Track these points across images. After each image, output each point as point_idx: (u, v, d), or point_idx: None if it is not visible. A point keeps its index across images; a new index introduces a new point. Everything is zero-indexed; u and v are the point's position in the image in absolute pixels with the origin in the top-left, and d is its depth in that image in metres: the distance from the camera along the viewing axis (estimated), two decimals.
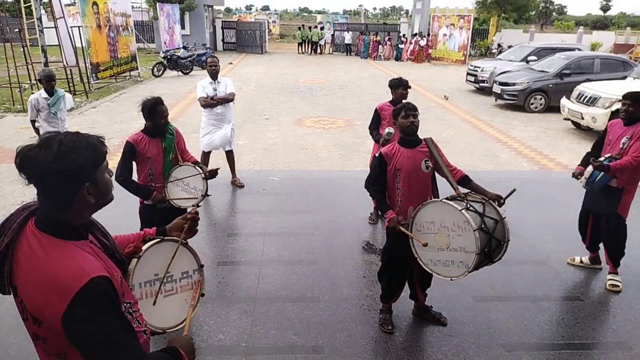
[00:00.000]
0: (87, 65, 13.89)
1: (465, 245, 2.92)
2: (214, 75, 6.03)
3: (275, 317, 3.72)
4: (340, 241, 5.04)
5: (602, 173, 3.95)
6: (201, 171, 3.75)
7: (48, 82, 5.64)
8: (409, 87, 5.21)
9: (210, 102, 6.03)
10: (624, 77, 11.42)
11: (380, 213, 5.27)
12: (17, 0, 14.89)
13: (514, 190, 3.16)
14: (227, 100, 6.11)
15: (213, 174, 3.77)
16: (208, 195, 3.82)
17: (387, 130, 4.68)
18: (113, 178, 1.66)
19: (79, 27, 13.88)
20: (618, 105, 9.27)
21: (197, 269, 1.96)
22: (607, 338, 3.62)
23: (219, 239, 5.01)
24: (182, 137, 3.95)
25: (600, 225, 4.28)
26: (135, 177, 3.82)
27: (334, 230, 5.29)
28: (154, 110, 3.58)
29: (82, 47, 13.84)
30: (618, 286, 4.21)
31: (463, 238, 2.92)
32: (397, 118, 3.34)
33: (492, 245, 2.98)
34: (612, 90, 9.73)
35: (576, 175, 4.26)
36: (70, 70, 13.23)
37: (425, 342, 3.51)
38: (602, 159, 3.99)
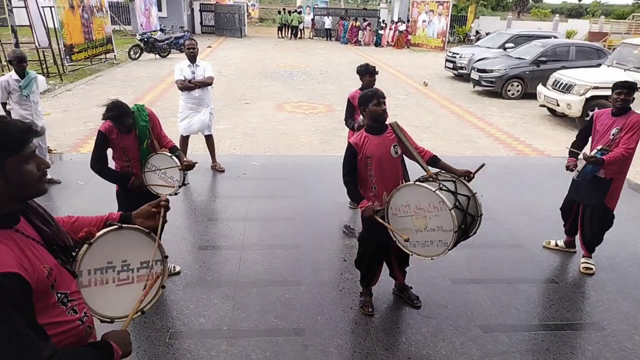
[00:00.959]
0: (60, 46, 13.44)
1: (442, 224, 2.97)
2: (192, 58, 5.89)
3: (257, 300, 3.71)
4: (321, 225, 5.04)
5: (591, 167, 3.99)
6: (178, 163, 3.64)
7: (19, 63, 5.41)
8: (377, 73, 5.12)
9: (187, 85, 5.90)
10: (599, 65, 11.62)
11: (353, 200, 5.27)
12: None
13: (482, 165, 3.23)
14: (206, 83, 5.99)
15: (190, 166, 3.66)
16: (186, 185, 3.74)
17: (361, 118, 4.69)
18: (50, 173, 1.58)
19: (50, 7, 13.38)
20: (593, 92, 9.48)
21: (161, 259, 1.86)
22: (580, 319, 3.72)
23: (199, 224, 4.95)
24: (158, 121, 3.81)
25: (584, 215, 4.30)
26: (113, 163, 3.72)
27: (314, 214, 5.29)
28: (118, 120, 3.43)
29: (55, 27, 13.36)
30: (592, 269, 4.31)
31: (440, 218, 2.96)
32: (368, 105, 3.26)
33: (467, 221, 3.05)
34: (587, 77, 9.88)
35: (570, 168, 4.27)
36: (43, 51, 12.79)
37: (404, 324, 3.54)
38: (594, 152, 3.99)
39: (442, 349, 3.29)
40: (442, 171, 3.31)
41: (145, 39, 18.02)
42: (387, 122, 3.34)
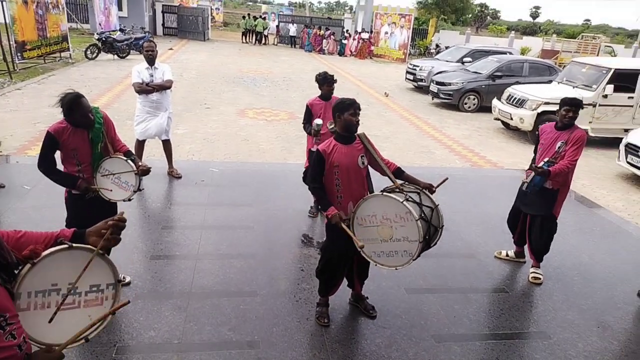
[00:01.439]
0: (11, 43, 12.81)
1: (408, 235, 3.01)
2: (150, 60, 5.73)
3: (210, 312, 3.61)
4: (279, 234, 4.98)
5: (540, 178, 4.16)
6: (134, 167, 3.49)
7: None
8: (335, 82, 5.17)
9: (145, 89, 5.74)
10: (550, 81, 12.13)
11: (320, 209, 5.27)
12: None
13: (445, 179, 3.31)
14: (164, 87, 5.83)
15: (145, 171, 3.53)
16: (141, 190, 3.59)
17: (315, 121, 4.78)
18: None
19: (1, 1, 12.76)
20: (544, 108, 9.88)
21: (113, 283, 1.75)
22: (528, 328, 3.83)
23: (153, 232, 4.80)
24: (112, 124, 3.63)
25: (532, 225, 4.45)
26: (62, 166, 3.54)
27: (273, 223, 5.23)
28: (73, 106, 3.19)
29: (6, 23, 12.73)
30: (540, 279, 4.46)
31: (406, 228, 3.00)
32: (344, 113, 3.26)
33: (430, 231, 3.11)
34: (539, 93, 10.30)
35: (524, 182, 4.42)
36: None
37: (359, 335, 3.54)
38: (541, 164, 4.16)
39: (396, 359, 3.30)
40: (407, 183, 3.35)
41: (104, 39, 17.45)
42: (355, 133, 3.35)
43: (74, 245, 1.65)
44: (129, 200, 3.56)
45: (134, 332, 3.33)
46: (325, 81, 5.06)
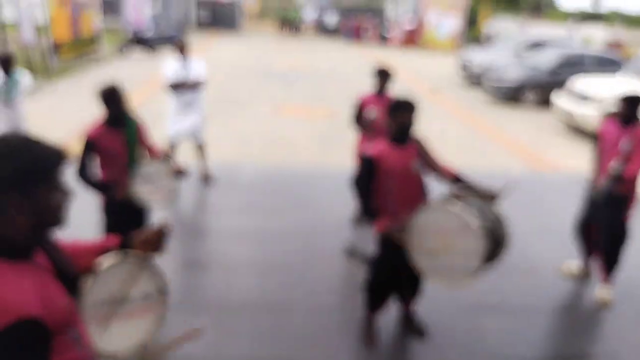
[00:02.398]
0: (47, 44, 13.42)
1: (467, 248, 2.88)
2: (184, 55, 5.83)
3: (247, 327, 3.62)
4: (320, 244, 4.94)
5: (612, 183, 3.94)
6: (169, 169, 3.60)
7: (5, 64, 5.54)
8: (391, 77, 5.14)
9: (177, 85, 5.82)
10: (616, 74, 11.59)
11: (368, 217, 5.20)
12: None
13: (509, 187, 3.15)
14: (197, 85, 5.91)
15: (181, 173, 3.63)
16: (177, 194, 3.67)
17: (369, 112, 4.84)
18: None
19: (39, 2, 13.38)
20: (610, 104, 9.43)
21: (162, 289, 1.85)
22: (597, 349, 3.66)
23: (186, 240, 4.87)
24: (145, 129, 3.78)
25: (601, 236, 4.24)
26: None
27: (313, 231, 5.20)
28: (112, 96, 3.42)
29: (42, 24, 13.36)
30: (609, 296, 4.23)
31: (465, 240, 2.88)
32: (398, 113, 3.22)
33: (493, 246, 2.97)
34: (604, 87, 9.85)
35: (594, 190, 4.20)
36: (30, 49, 12.77)
37: (410, 355, 3.46)
38: (612, 170, 3.94)
39: None
40: (467, 190, 3.23)
41: (137, 36, 18.04)
42: (412, 135, 3.30)
43: (126, 253, 1.74)
44: (169, 204, 3.64)
45: None
46: (381, 75, 5.05)
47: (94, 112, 3.44)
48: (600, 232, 4.26)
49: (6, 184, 1.26)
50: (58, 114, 9.41)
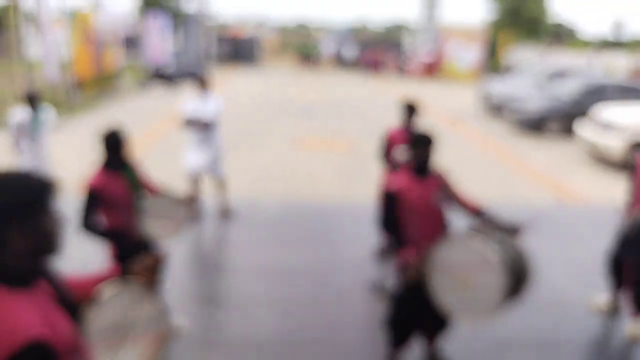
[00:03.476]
0: (71, 80, 13.94)
1: (488, 283, 2.86)
2: (203, 91, 5.97)
3: None
4: (341, 279, 4.91)
5: None
6: (175, 198, 3.60)
7: (31, 100, 5.81)
8: (418, 111, 5.15)
9: (191, 122, 5.88)
10: None
11: (391, 250, 5.17)
12: (4, 15, 15.09)
13: (533, 220, 3.13)
14: (208, 125, 5.92)
15: (190, 201, 3.64)
16: (188, 223, 3.67)
17: (399, 150, 4.76)
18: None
19: (63, 41, 13.99)
20: (637, 134, 9.33)
21: (162, 315, 1.90)
22: None
23: (204, 275, 4.90)
24: (141, 169, 3.79)
25: (634, 270, 4.13)
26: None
27: (334, 266, 5.17)
28: (114, 140, 3.46)
29: (66, 61, 13.92)
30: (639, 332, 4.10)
31: (485, 275, 2.86)
32: (416, 146, 3.26)
33: (515, 279, 2.93)
34: (630, 117, 9.76)
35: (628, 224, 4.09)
36: (55, 84, 13.28)
37: None
38: None
39: None
40: (489, 224, 3.21)
41: (158, 71, 18.60)
42: (433, 168, 3.32)
43: (126, 282, 1.81)
44: (179, 234, 3.64)
45: None
46: (408, 109, 5.09)
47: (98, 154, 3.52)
48: (633, 267, 4.15)
49: (5, 214, 1.35)
50: (79, 148, 9.68)
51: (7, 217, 1.36)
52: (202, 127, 5.93)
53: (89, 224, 3.47)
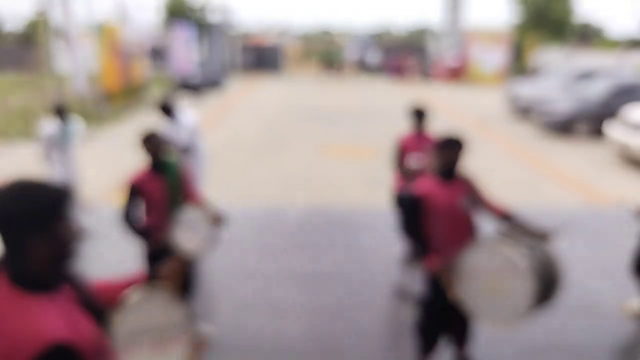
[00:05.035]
0: (98, 91, 14.33)
1: (518, 289, 2.82)
2: (168, 117, 5.64)
3: None
4: (367, 285, 4.92)
5: None
6: (210, 216, 3.65)
7: (61, 112, 5.95)
8: (427, 115, 5.05)
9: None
10: None
11: (416, 256, 5.13)
12: (33, 30, 15.63)
13: (563, 225, 3.07)
14: (186, 149, 5.46)
15: (220, 219, 3.67)
16: (216, 240, 3.70)
17: (412, 158, 4.72)
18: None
19: (92, 54, 14.41)
20: None
21: (188, 318, 1.92)
22: None
23: (232, 281, 4.95)
24: (189, 177, 3.88)
25: None
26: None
27: (360, 272, 5.18)
28: (150, 142, 3.55)
29: (95, 73, 14.32)
30: None
31: (515, 281, 2.83)
32: (445, 149, 3.22)
33: (545, 285, 2.89)
34: None
35: None
36: (83, 97, 13.66)
37: None
38: None
39: None
40: (518, 229, 3.18)
41: (184, 82, 18.95)
42: (459, 171, 3.29)
43: (152, 286, 1.86)
44: (206, 251, 3.68)
45: None
46: (417, 115, 5.03)
47: (139, 157, 3.62)
48: None
49: (28, 222, 1.39)
50: (108, 159, 9.92)
51: (28, 225, 1.39)
52: (181, 152, 5.55)
53: (126, 219, 3.59)
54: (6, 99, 15.51)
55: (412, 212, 3.25)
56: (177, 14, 27.14)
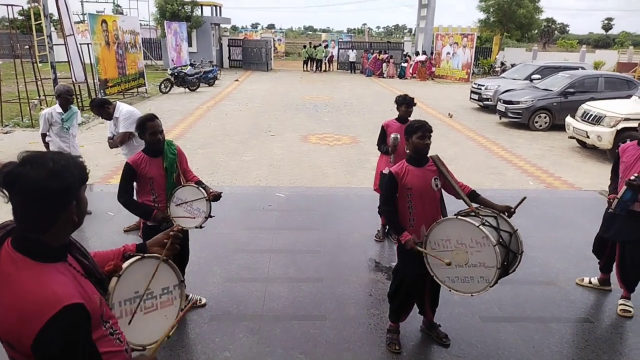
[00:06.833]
0: (95, 81, 14.05)
1: (485, 261, 2.93)
2: (107, 116, 5.48)
3: (282, 335, 3.68)
4: (346, 259, 5.00)
5: (632, 193, 3.76)
6: (205, 193, 3.63)
7: (66, 97, 5.72)
8: (414, 105, 5.24)
9: (114, 144, 5.53)
10: (629, 96, 11.42)
11: (391, 232, 5.24)
12: (28, 18, 15.20)
13: (524, 199, 3.16)
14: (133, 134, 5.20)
15: (217, 197, 3.69)
16: (211, 217, 3.73)
17: (392, 135, 4.84)
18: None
19: (88, 44, 14.09)
20: (624, 124, 9.29)
21: (178, 284, 1.97)
22: None
23: (224, 256, 4.98)
24: (185, 156, 3.86)
25: (622, 253, 4.10)
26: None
27: (340, 247, 5.26)
28: (144, 126, 3.49)
29: (91, 63, 14.02)
30: (630, 311, 4.09)
31: (482, 253, 2.93)
32: (412, 136, 3.30)
33: (509, 257, 3.01)
34: (617, 109, 9.71)
35: (612, 204, 3.98)
36: (79, 86, 13.37)
37: None
38: (632, 177, 3.74)
39: None
40: (483, 206, 3.28)
41: (176, 74, 18.66)
42: (428, 155, 3.36)
43: (144, 255, 1.88)
44: (201, 227, 3.70)
45: (210, 353, 3.45)
46: (404, 102, 5.15)
47: (140, 143, 3.59)
48: (621, 249, 4.12)
49: (67, 196, 1.37)
50: (105, 145, 9.76)
51: (66, 199, 1.37)
52: (128, 139, 5.48)
53: (123, 197, 3.57)
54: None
55: (388, 187, 3.32)
56: (168, 10, 26.64)
